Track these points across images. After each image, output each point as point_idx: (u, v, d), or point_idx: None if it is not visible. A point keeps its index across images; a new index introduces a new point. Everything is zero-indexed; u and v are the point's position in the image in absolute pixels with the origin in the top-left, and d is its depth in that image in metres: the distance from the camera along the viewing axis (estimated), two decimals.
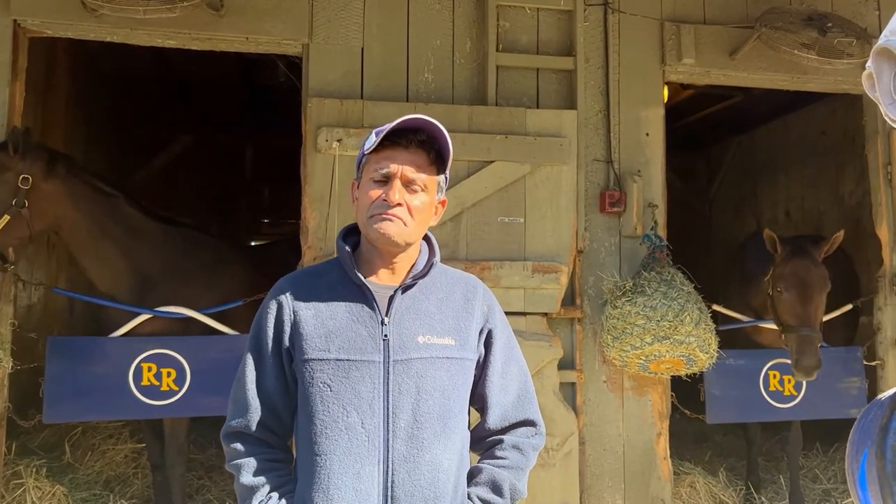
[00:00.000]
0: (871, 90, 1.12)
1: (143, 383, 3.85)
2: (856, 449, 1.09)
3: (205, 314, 4.07)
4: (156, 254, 4.10)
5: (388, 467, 1.66)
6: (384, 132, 1.71)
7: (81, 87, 6.68)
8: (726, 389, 4.53)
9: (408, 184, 1.74)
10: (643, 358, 3.90)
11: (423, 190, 1.77)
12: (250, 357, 1.79)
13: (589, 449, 4.14)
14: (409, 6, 4.18)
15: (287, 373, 1.77)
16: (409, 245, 1.78)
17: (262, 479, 1.72)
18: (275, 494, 1.70)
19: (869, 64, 1.10)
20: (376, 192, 1.74)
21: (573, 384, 4.13)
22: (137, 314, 3.96)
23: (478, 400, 1.85)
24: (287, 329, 1.75)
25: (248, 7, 3.97)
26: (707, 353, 3.90)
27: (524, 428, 1.86)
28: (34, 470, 4.30)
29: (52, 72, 5.96)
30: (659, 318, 3.78)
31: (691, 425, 5.89)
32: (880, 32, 1.11)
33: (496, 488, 1.77)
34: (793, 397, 4.58)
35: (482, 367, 1.84)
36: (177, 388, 3.89)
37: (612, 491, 4.15)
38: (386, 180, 1.74)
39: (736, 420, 4.79)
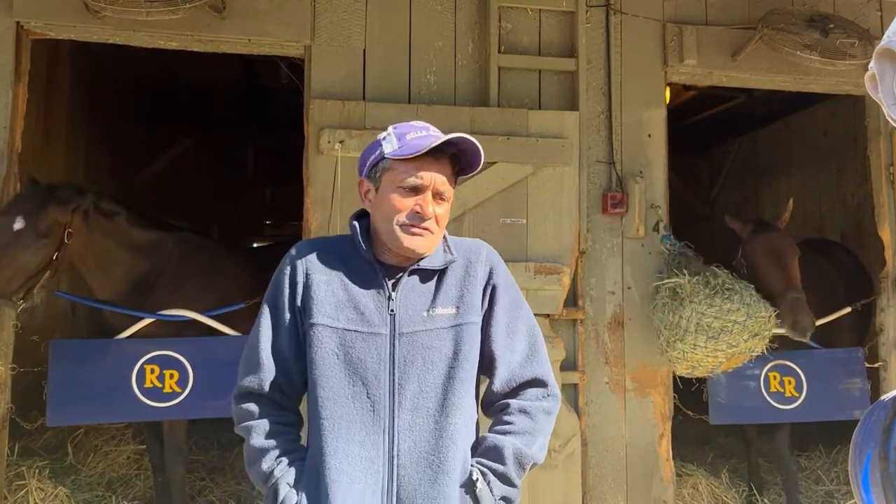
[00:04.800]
0: (873, 91, 1.12)
1: (146, 385, 3.85)
2: (859, 450, 1.09)
3: (207, 316, 4.07)
4: (154, 260, 4.12)
5: (393, 436, 1.68)
6: (428, 147, 1.72)
7: (84, 88, 6.69)
8: (729, 391, 4.53)
9: (436, 195, 1.78)
10: (724, 358, 3.84)
11: (447, 200, 1.82)
12: (266, 317, 1.81)
13: (591, 450, 4.14)
14: (411, 8, 4.18)
15: (300, 334, 1.79)
16: (429, 253, 1.82)
17: (272, 441, 1.73)
18: (284, 459, 1.72)
19: (872, 65, 1.10)
20: (407, 202, 1.76)
21: (575, 385, 4.13)
22: (139, 318, 3.97)
23: (486, 361, 1.83)
24: (300, 290, 1.78)
25: (251, 9, 3.97)
26: (764, 348, 3.95)
27: (533, 389, 1.82)
28: (37, 471, 4.30)
29: (54, 73, 5.97)
30: (756, 315, 3.76)
31: (694, 427, 5.88)
32: (882, 33, 1.11)
33: (497, 454, 1.74)
34: (794, 399, 4.57)
35: (486, 325, 1.82)
36: (180, 390, 3.90)
37: (614, 492, 4.15)
38: (416, 191, 1.76)
39: (739, 421, 4.78)
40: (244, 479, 5.02)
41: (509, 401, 1.80)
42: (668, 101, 4.58)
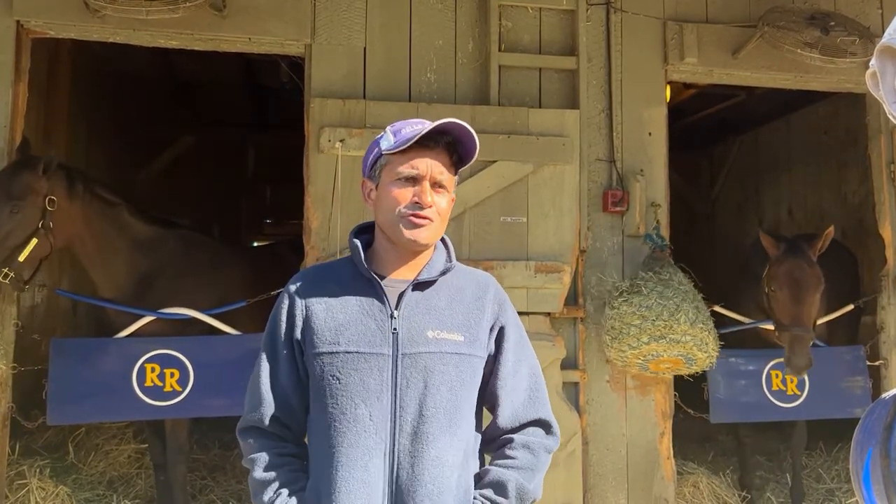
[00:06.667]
0: (874, 88, 1.11)
1: (146, 384, 3.85)
2: (860, 448, 1.09)
3: (208, 315, 4.08)
4: (154, 257, 4.13)
5: (393, 460, 1.67)
6: (417, 135, 1.72)
7: (84, 87, 6.69)
8: (730, 389, 4.53)
9: (434, 185, 1.77)
10: (641, 358, 3.91)
11: (447, 190, 1.81)
12: (265, 352, 1.81)
13: (592, 449, 4.14)
14: (412, 6, 4.18)
15: (300, 367, 1.79)
16: (431, 245, 1.81)
17: (273, 474, 1.73)
18: (284, 490, 1.72)
19: (873, 62, 1.09)
20: (405, 194, 1.75)
21: (576, 384, 4.13)
22: (140, 316, 3.97)
23: (489, 398, 1.84)
24: (299, 323, 1.77)
25: (251, 7, 3.97)
26: (705, 352, 3.90)
27: (536, 428, 1.83)
28: (38, 470, 4.31)
29: (54, 72, 5.97)
30: (654, 318, 3.79)
31: (695, 425, 5.88)
32: (883, 31, 1.11)
33: (500, 488, 1.74)
34: (796, 397, 4.57)
35: (493, 365, 1.83)
36: (180, 389, 3.90)
37: (615, 491, 4.15)
38: (414, 181, 1.76)
39: (740, 420, 4.79)
40: (245, 479, 5.02)
41: (513, 436, 1.81)
42: (668, 99, 4.57)
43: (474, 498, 1.74)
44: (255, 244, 11.11)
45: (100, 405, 3.87)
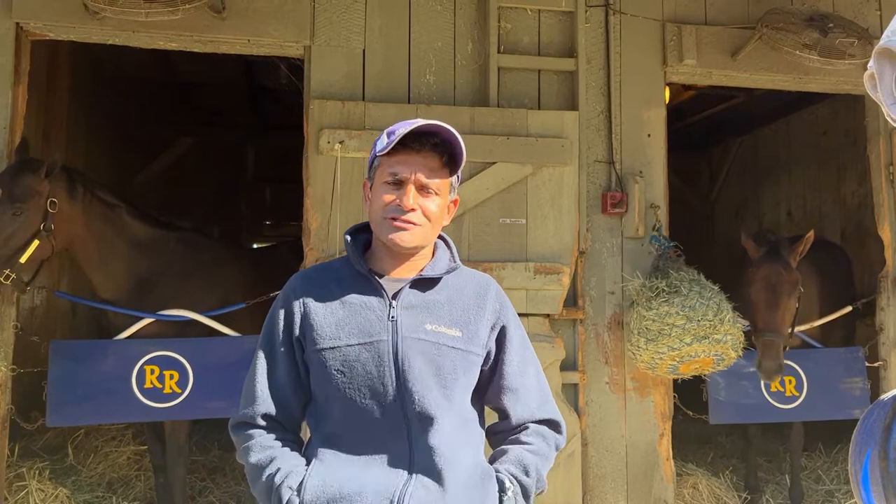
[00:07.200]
0: (872, 90, 1.11)
1: (146, 386, 3.86)
2: (859, 450, 1.09)
3: (207, 316, 4.08)
4: (155, 259, 4.13)
5: (411, 444, 1.68)
6: (397, 137, 1.72)
7: (84, 89, 6.69)
8: (729, 390, 4.53)
9: (421, 188, 1.76)
10: (677, 360, 3.85)
11: (436, 194, 1.78)
12: (262, 351, 1.81)
13: (591, 450, 4.14)
14: (411, 8, 4.19)
15: (300, 365, 1.79)
16: (422, 248, 1.81)
17: (270, 453, 1.73)
18: (284, 466, 1.70)
19: (871, 64, 1.10)
20: (390, 197, 1.75)
21: (575, 385, 4.13)
22: (140, 318, 3.98)
23: (495, 398, 1.85)
24: (298, 321, 1.77)
25: (250, 9, 3.97)
26: (737, 351, 3.91)
27: (546, 426, 1.86)
28: (37, 472, 4.31)
29: (54, 74, 5.97)
30: (699, 318, 3.74)
31: (694, 426, 5.89)
32: (881, 33, 1.11)
33: (524, 468, 1.77)
34: (795, 398, 4.57)
35: (497, 363, 1.84)
36: (180, 391, 3.90)
37: (614, 492, 4.15)
38: (399, 184, 1.75)
39: (738, 421, 4.79)
40: (244, 480, 5.02)
41: (528, 423, 1.84)
42: (667, 100, 4.58)
43: (497, 472, 1.76)
44: (256, 245, 11.12)
45: (99, 407, 3.87)
